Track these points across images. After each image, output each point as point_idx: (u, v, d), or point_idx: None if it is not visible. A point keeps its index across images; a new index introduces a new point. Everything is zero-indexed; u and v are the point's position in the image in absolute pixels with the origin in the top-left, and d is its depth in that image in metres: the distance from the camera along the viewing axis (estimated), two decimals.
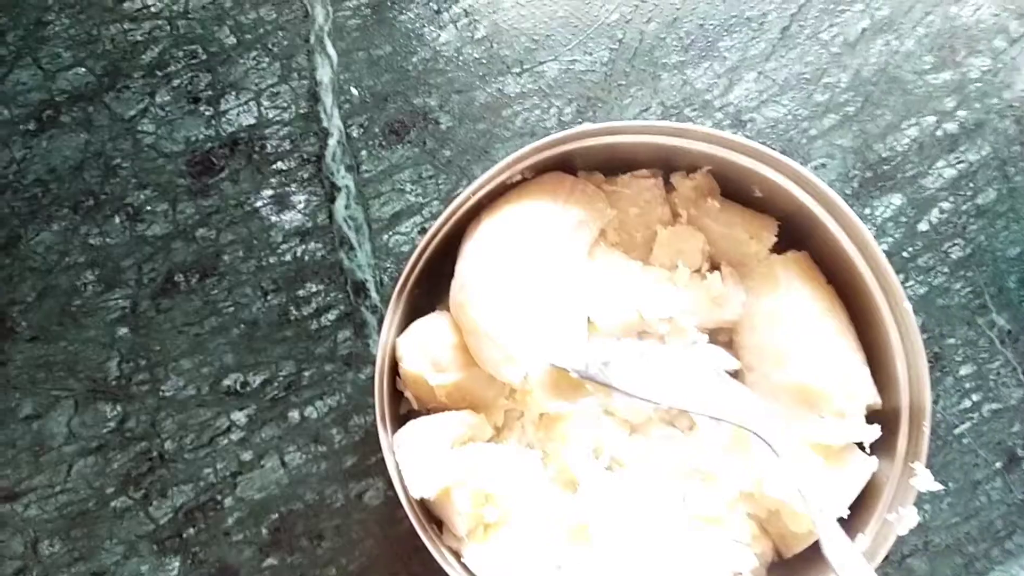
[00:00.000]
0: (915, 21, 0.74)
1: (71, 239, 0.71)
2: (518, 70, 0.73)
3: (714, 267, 0.68)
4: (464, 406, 0.63)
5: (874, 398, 0.62)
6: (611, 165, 0.66)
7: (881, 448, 0.62)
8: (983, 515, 0.71)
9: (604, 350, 0.60)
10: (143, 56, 0.73)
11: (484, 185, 0.61)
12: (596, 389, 0.60)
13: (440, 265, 0.63)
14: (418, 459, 0.58)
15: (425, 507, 0.61)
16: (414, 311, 0.64)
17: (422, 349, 0.61)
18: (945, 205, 0.73)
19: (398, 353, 0.62)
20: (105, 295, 0.71)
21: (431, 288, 0.65)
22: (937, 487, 0.57)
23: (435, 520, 0.62)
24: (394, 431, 0.61)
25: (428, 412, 0.63)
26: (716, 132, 0.61)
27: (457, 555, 0.60)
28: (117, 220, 0.72)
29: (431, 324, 0.63)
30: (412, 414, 0.64)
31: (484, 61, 0.74)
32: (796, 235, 0.65)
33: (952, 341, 0.72)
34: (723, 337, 0.69)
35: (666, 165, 0.67)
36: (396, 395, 0.64)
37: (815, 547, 0.62)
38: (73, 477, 0.69)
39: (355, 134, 0.73)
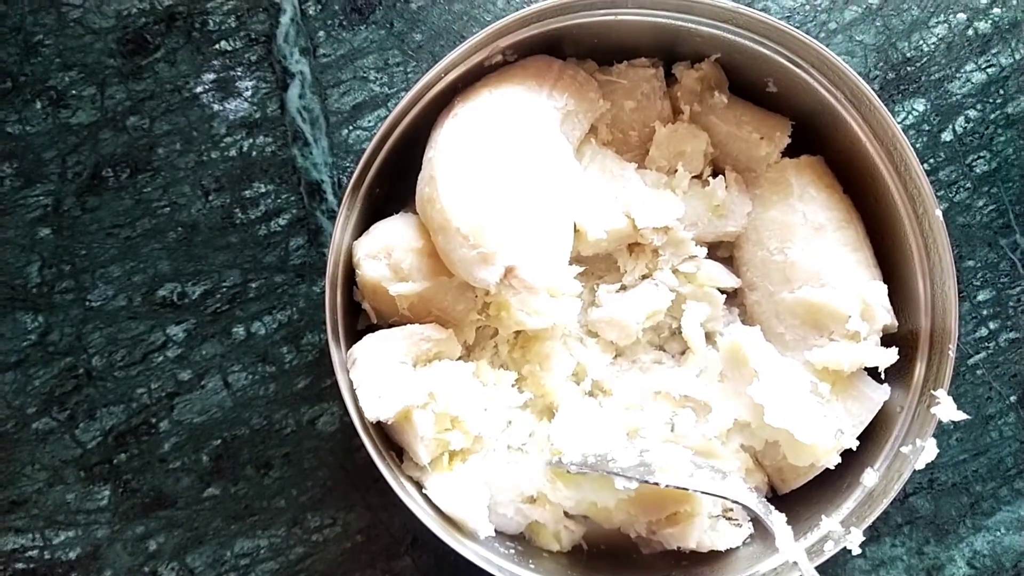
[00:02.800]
0: None
1: None
2: None
3: (717, 171, 0.62)
4: (429, 320, 0.57)
5: (891, 319, 0.57)
6: (605, 51, 0.60)
7: (895, 375, 0.57)
8: (993, 452, 0.66)
9: (602, 447, 0.55)
10: None
11: (456, 64, 0.54)
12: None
13: (405, 160, 0.57)
14: (375, 377, 0.53)
15: (384, 433, 0.55)
16: (374, 213, 0.58)
17: (383, 253, 0.55)
18: (972, 113, 0.67)
19: (355, 258, 0.56)
20: (24, 191, 0.64)
21: (393, 188, 0.58)
22: (962, 416, 0.52)
23: (395, 448, 0.56)
24: (348, 348, 0.55)
25: (389, 327, 0.57)
26: (729, 5, 0.54)
27: (419, 486, 0.55)
28: (38, 105, 0.64)
29: (393, 225, 0.56)
30: (371, 329, 0.57)
31: None
32: (812, 137, 0.60)
33: (971, 263, 0.66)
34: (723, 252, 0.63)
35: (668, 53, 0.61)
36: (352, 308, 0.58)
37: (813, 483, 0.58)
38: None
39: (311, 11, 0.65)
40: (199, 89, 0.64)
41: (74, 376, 0.63)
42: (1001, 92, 0.67)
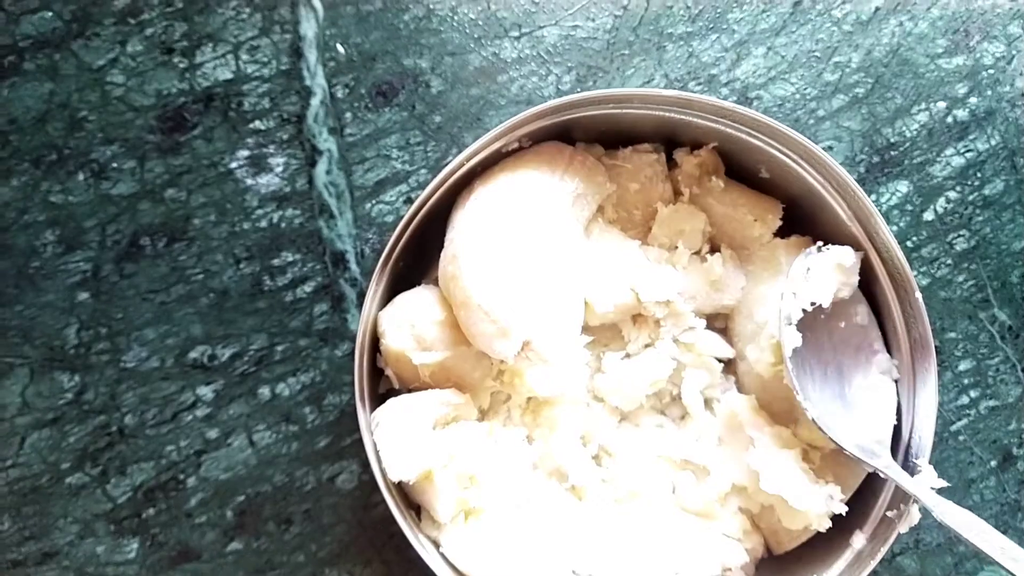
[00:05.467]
0: (930, 2, 0.71)
1: (31, 196, 0.67)
2: (516, 34, 0.69)
3: (714, 249, 0.65)
4: (448, 386, 0.59)
5: None
6: (612, 137, 0.63)
7: None
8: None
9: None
10: (115, 2, 0.68)
11: (478, 152, 0.58)
12: None
13: (427, 237, 0.60)
14: (398, 439, 0.55)
15: (403, 492, 0.58)
16: (398, 284, 0.61)
17: (406, 324, 0.58)
18: (952, 194, 0.71)
19: (380, 328, 0.59)
20: (65, 257, 0.67)
21: (416, 261, 0.61)
22: (941, 483, 0.55)
23: (413, 507, 0.59)
24: (372, 411, 0.58)
25: (409, 392, 0.60)
26: (725, 104, 0.58)
27: (435, 543, 0.57)
28: (81, 177, 0.67)
29: (416, 298, 0.59)
30: (391, 393, 0.60)
31: (480, 22, 0.69)
32: (801, 219, 0.63)
33: (952, 335, 0.70)
34: (719, 323, 0.66)
35: (669, 140, 0.64)
36: (376, 373, 0.61)
37: (807, 545, 0.60)
38: (26, 451, 0.65)
39: (340, 94, 0.68)
40: (234, 164, 0.68)
41: (107, 433, 0.66)
42: (979, 175, 0.71)
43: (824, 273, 0.57)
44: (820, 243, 0.59)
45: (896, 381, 0.59)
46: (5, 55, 0.67)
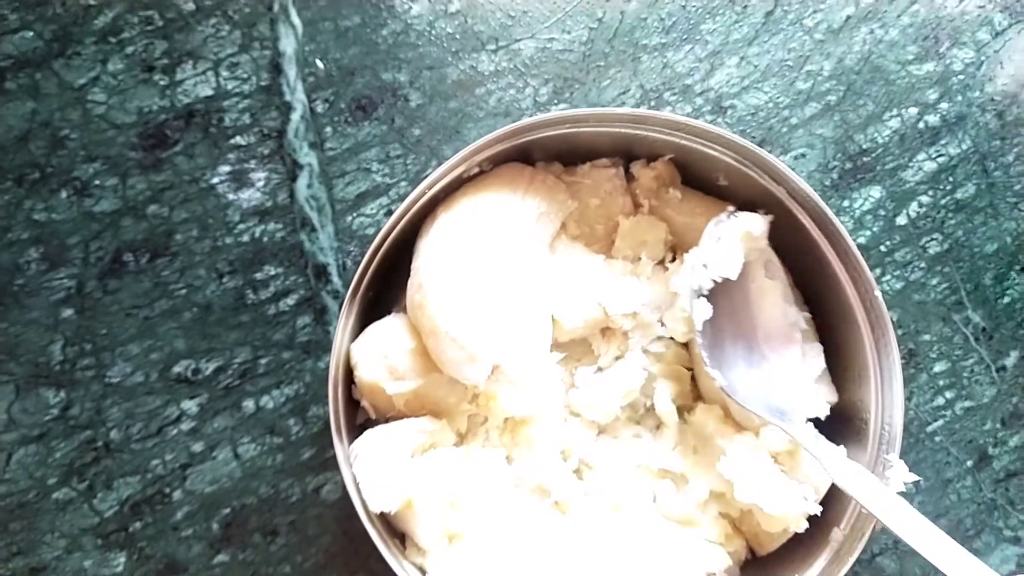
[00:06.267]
0: (900, 10, 0.72)
1: (14, 214, 0.67)
2: (493, 47, 0.70)
3: (677, 257, 0.65)
4: (424, 414, 0.60)
5: (831, 395, 0.61)
6: (570, 155, 0.64)
7: (853, 441, 0.60)
8: (952, 513, 0.71)
9: None
10: (95, 21, 0.69)
11: (440, 179, 0.58)
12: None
13: (394, 265, 0.60)
14: (377, 471, 0.55)
15: (385, 521, 0.58)
16: (369, 314, 0.61)
17: (378, 355, 0.58)
18: (924, 199, 0.72)
19: (353, 360, 0.59)
20: (49, 274, 0.67)
21: (385, 290, 0.61)
22: (913, 478, 0.56)
23: (397, 534, 0.59)
24: (351, 442, 0.58)
25: (386, 421, 0.60)
26: (678, 118, 0.58)
27: (421, 571, 0.57)
28: (64, 194, 0.68)
29: (386, 328, 0.59)
30: (369, 424, 0.60)
31: (457, 36, 0.70)
32: None
33: (927, 337, 0.71)
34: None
35: (627, 154, 0.64)
36: (352, 404, 0.61)
37: (788, 545, 0.61)
38: (12, 467, 0.66)
39: (320, 109, 0.69)
40: (215, 180, 0.69)
41: (93, 448, 0.66)
42: (951, 179, 0.73)
43: (734, 241, 0.58)
44: (731, 209, 0.59)
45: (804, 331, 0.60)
46: None
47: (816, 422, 0.59)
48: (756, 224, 0.59)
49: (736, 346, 0.60)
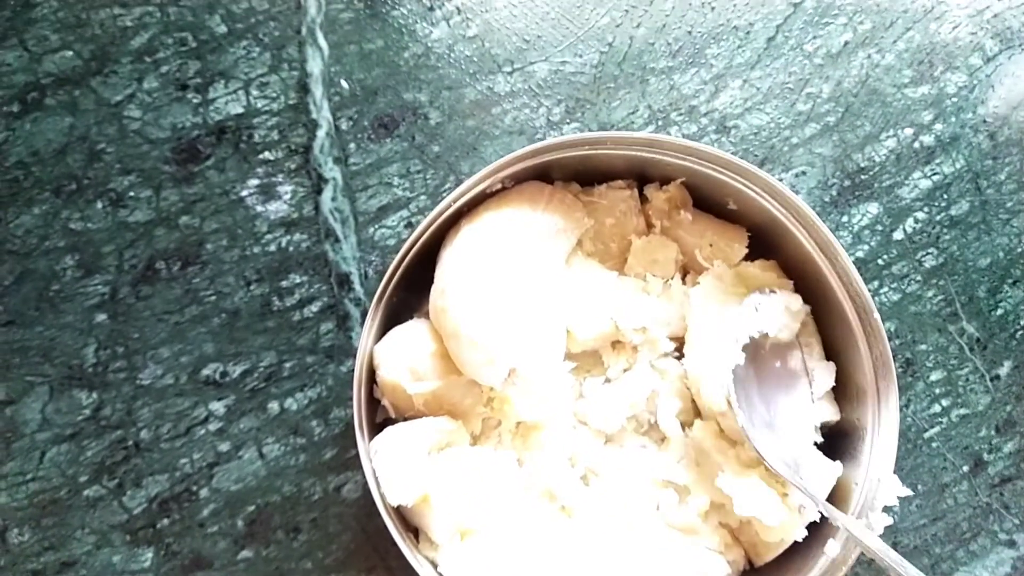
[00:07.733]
0: (896, 36, 0.76)
1: (52, 223, 0.70)
2: (509, 69, 0.74)
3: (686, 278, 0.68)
4: (441, 414, 0.62)
5: (834, 413, 0.64)
6: (587, 175, 0.67)
7: (848, 454, 0.63)
8: (949, 517, 0.73)
9: None
10: (132, 41, 0.73)
11: (464, 194, 0.61)
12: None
13: (418, 273, 0.63)
14: (395, 466, 0.58)
15: (401, 515, 0.61)
16: (392, 318, 0.64)
17: (400, 357, 0.61)
18: (920, 215, 0.75)
19: (376, 361, 0.61)
20: (84, 281, 0.70)
21: (409, 296, 0.64)
22: (906, 492, 0.58)
23: (412, 528, 0.62)
24: (371, 438, 0.61)
25: (405, 420, 0.62)
26: (691, 144, 0.61)
27: (433, 564, 0.60)
28: (99, 205, 0.71)
29: (409, 331, 0.62)
30: (388, 422, 0.63)
31: (475, 59, 0.74)
32: (767, 246, 0.66)
33: (923, 347, 0.74)
34: None
35: (641, 176, 0.67)
36: (373, 403, 0.63)
37: (786, 555, 0.63)
38: (46, 465, 0.68)
39: (344, 127, 0.73)
40: (244, 193, 0.72)
41: (123, 448, 0.69)
42: (945, 197, 0.76)
43: (773, 311, 0.62)
44: (770, 288, 0.63)
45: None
46: (28, 91, 0.72)
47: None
48: (794, 302, 0.62)
49: (752, 405, 0.62)
